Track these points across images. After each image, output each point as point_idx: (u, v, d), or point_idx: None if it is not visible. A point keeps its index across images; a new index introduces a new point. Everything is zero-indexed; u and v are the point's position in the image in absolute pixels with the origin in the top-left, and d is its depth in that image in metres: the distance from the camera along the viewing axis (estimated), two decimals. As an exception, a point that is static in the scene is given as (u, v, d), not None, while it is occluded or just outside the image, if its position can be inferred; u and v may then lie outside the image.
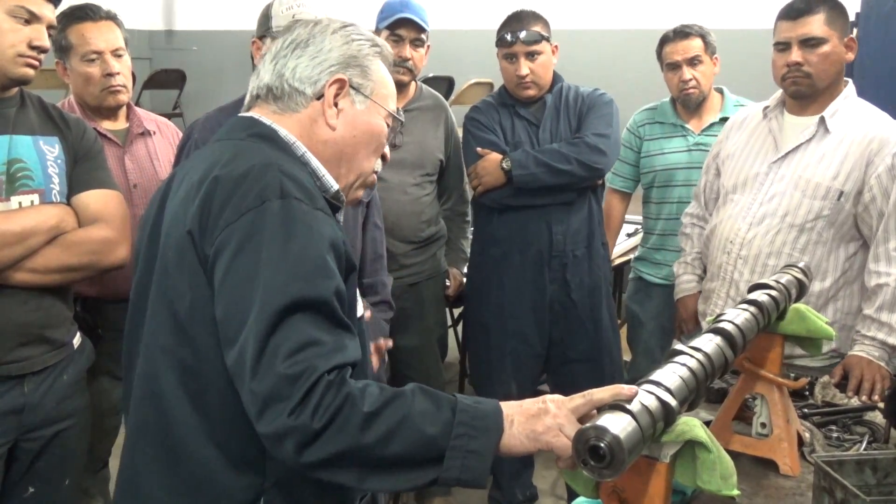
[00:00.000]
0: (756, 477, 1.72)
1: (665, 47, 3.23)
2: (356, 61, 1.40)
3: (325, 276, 1.19)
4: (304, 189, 1.25)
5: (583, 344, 2.97)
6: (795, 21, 2.33)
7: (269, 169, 1.24)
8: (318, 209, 1.24)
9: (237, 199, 1.21)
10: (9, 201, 1.91)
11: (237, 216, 1.20)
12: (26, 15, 1.88)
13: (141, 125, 2.61)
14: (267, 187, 1.22)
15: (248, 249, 1.18)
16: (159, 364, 1.28)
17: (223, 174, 1.25)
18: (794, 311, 1.79)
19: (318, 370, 1.11)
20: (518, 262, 2.92)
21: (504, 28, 2.87)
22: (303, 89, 1.38)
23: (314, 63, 1.38)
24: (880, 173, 2.26)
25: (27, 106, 2.01)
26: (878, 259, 2.27)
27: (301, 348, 1.12)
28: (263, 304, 1.14)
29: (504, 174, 2.83)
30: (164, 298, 1.28)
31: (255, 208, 1.20)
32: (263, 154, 1.29)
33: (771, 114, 2.49)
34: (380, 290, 2.53)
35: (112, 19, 2.52)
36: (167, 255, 1.29)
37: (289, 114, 1.39)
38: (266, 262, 1.17)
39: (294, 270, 1.16)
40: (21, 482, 2.01)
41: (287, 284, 1.15)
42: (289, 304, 1.14)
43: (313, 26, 1.42)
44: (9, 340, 1.91)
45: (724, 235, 2.48)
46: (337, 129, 1.38)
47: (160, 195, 1.41)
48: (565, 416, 1.19)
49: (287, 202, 1.21)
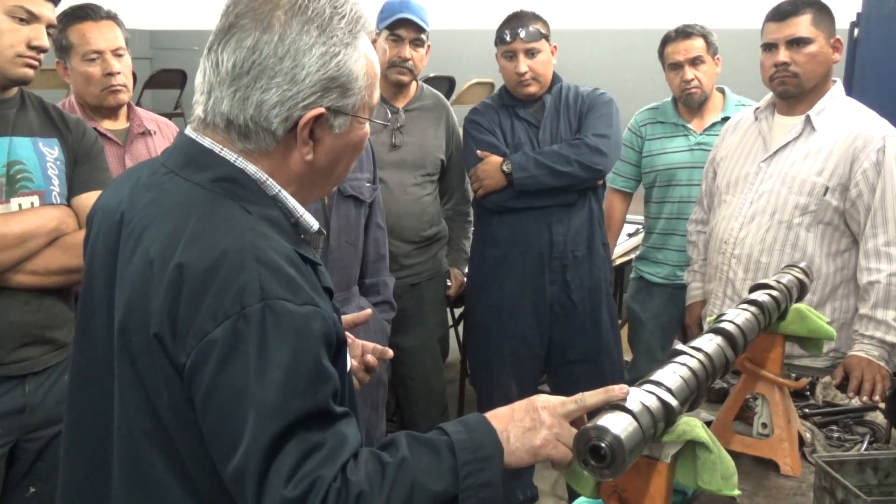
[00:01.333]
0: (757, 477, 1.72)
1: (667, 47, 3.23)
2: (336, 82, 1.16)
3: (322, 382, 1.07)
4: (284, 279, 1.08)
5: (583, 345, 2.97)
6: (782, 22, 2.36)
7: (245, 259, 1.06)
8: (304, 304, 1.08)
9: (210, 300, 1.05)
10: (8, 203, 1.90)
11: (213, 325, 1.04)
12: (25, 15, 1.87)
13: (141, 125, 2.61)
14: (245, 288, 1.05)
15: (232, 364, 1.04)
16: (144, 447, 1.16)
17: (188, 262, 1.07)
18: (795, 311, 1.78)
19: (325, 481, 1.02)
20: (518, 264, 2.91)
21: (503, 27, 2.87)
22: (273, 129, 1.15)
23: (286, 96, 1.13)
24: (866, 169, 2.27)
25: (27, 107, 2.01)
26: (867, 256, 2.29)
27: (302, 461, 1.03)
28: (260, 429, 1.02)
29: (505, 177, 2.83)
30: (136, 383, 1.14)
31: (234, 316, 1.04)
32: (234, 226, 1.10)
33: (761, 115, 2.53)
34: (381, 290, 2.53)
35: (113, 19, 2.52)
36: (135, 343, 1.13)
37: (258, 153, 1.17)
38: (255, 379, 1.03)
39: (288, 386, 1.04)
40: (22, 482, 2.01)
41: (284, 404, 1.03)
42: (288, 425, 1.03)
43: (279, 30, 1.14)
44: (9, 341, 1.91)
45: (719, 236, 2.51)
46: (314, 160, 1.19)
47: (112, 234, 1.22)
48: (560, 424, 1.19)
49: (270, 305, 1.05)
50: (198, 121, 1.21)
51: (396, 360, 2.98)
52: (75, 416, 1.31)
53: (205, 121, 1.19)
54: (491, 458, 1.14)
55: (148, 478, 1.16)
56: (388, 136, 2.94)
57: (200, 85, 1.19)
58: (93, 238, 1.30)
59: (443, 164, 3.13)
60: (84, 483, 1.29)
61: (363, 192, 2.42)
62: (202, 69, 1.19)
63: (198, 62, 1.20)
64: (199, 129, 1.21)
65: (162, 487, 1.15)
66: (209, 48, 1.18)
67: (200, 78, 1.19)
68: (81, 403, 1.30)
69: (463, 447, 1.13)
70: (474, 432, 1.16)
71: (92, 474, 1.26)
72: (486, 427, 1.17)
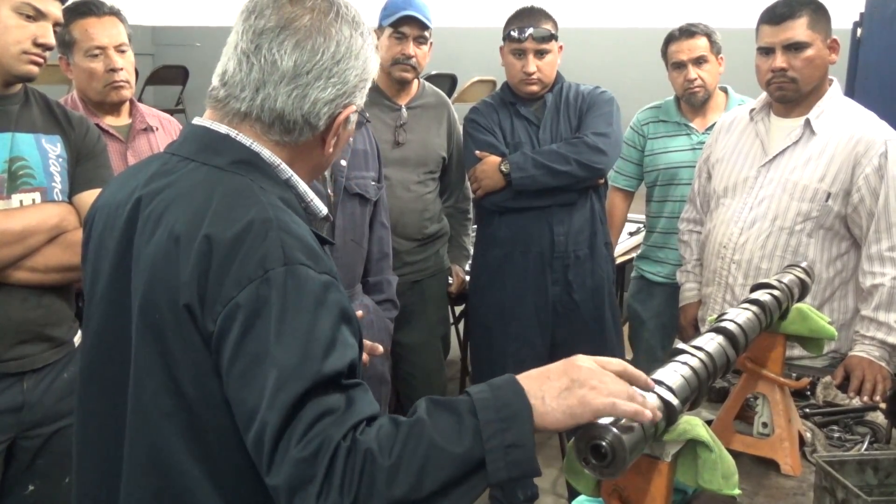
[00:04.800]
0: (757, 476, 1.72)
1: (670, 46, 3.22)
2: (365, 82, 1.27)
3: (339, 350, 1.09)
4: (306, 248, 1.14)
5: (586, 345, 2.91)
6: (778, 26, 2.31)
7: (269, 228, 1.12)
8: (323, 273, 1.13)
9: (237, 267, 1.10)
10: (9, 199, 1.90)
11: (238, 289, 1.09)
12: (32, 12, 1.87)
13: (144, 121, 2.61)
14: (268, 254, 1.10)
15: (256, 328, 1.08)
16: (164, 431, 1.17)
17: (216, 234, 1.12)
18: (797, 310, 1.78)
19: (334, 440, 1.03)
20: (520, 264, 2.89)
21: (513, 23, 2.83)
22: (318, 124, 1.24)
23: (338, 94, 1.23)
24: (868, 174, 2.26)
25: (31, 103, 2.00)
26: (871, 260, 2.28)
27: (313, 423, 1.04)
28: (277, 391, 1.05)
29: (503, 177, 2.81)
30: (159, 361, 1.17)
31: (258, 280, 1.09)
32: (257, 202, 1.16)
33: (757, 116, 2.49)
34: (385, 288, 2.53)
35: (115, 15, 2.52)
36: (160, 320, 1.16)
37: (283, 144, 1.25)
38: (276, 342, 1.07)
39: (306, 350, 1.07)
40: (21, 480, 2.01)
41: (301, 367, 1.06)
42: (305, 390, 1.05)
43: (336, 35, 1.23)
44: (8, 338, 1.90)
45: (717, 240, 2.49)
46: (332, 153, 1.30)
47: (123, 221, 1.26)
48: (600, 376, 1.14)
49: (292, 270, 1.10)
50: (216, 110, 1.27)
51: (398, 356, 2.98)
52: (85, 412, 1.33)
53: (245, 113, 1.24)
54: (517, 417, 1.07)
55: (166, 463, 1.18)
56: (391, 133, 2.94)
57: (241, 81, 1.23)
58: (96, 236, 1.32)
59: (444, 161, 3.13)
60: (97, 475, 1.31)
61: (368, 190, 2.42)
62: (245, 64, 1.23)
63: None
64: (214, 118, 1.26)
65: (179, 471, 1.17)
66: (257, 46, 1.22)
67: (241, 74, 1.23)
68: (91, 397, 1.31)
69: (485, 406, 1.08)
70: (499, 390, 1.10)
71: (106, 467, 1.27)
72: (512, 386, 1.11)
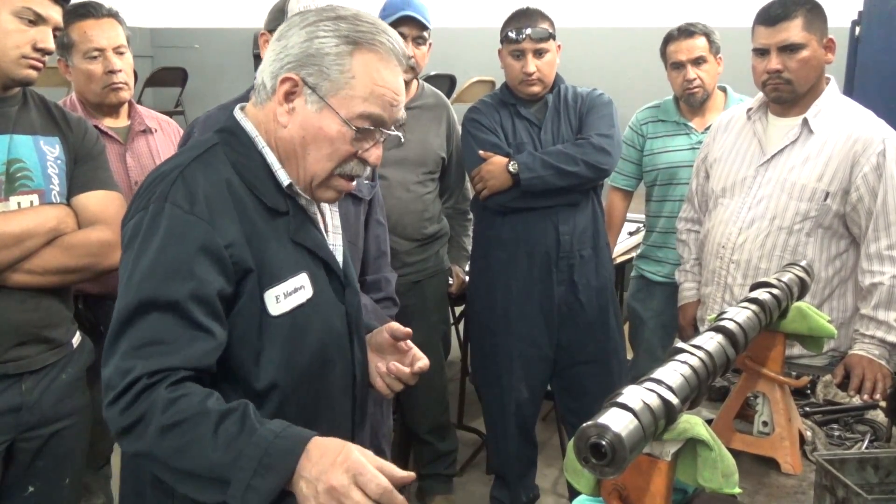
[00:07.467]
0: (757, 475, 1.72)
1: (669, 46, 3.23)
2: (313, 60, 1.36)
3: (182, 279, 1.25)
4: (190, 193, 1.31)
5: (591, 346, 2.93)
6: (773, 27, 2.30)
7: (175, 172, 1.33)
8: (191, 214, 1.29)
9: (138, 199, 1.35)
10: (8, 201, 1.89)
11: (131, 217, 1.34)
12: (32, 16, 1.87)
13: (142, 122, 2.61)
14: (157, 191, 1.31)
15: (130, 248, 1.30)
16: None
17: (153, 172, 1.38)
18: (796, 309, 1.78)
19: (137, 371, 1.20)
20: (525, 265, 2.88)
21: (510, 24, 2.82)
22: (265, 83, 1.41)
23: (277, 58, 1.39)
24: (866, 173, 2.26)
25: (29, 105, 2.00)
26: (870, 259, 2.28)
27: (138, 347, 1.22)
28: (120, 301, 1.26)
29: (511, 177, 2.79)
30: None
31: (142, 210, 1.31)
32: (194, 156, 1.37)
33: (754, 115, 2.49)
34: (384, 286, 2.53)
35: (114, 16, 2.52)
36: None
37: (259, 107, 1.43)
38: (135, 262, 1.28)
39: (149, 271, 1.26)
40: (20, 481, 2.01)
41: (140, 284, 1.25)
42: (138, 303, 1.24)
43: (296, 19, 1.41)
44: (6, 340, 1.90)
45: (716, 240, 2.48)
46: (287, 128, 1.39)
47: None
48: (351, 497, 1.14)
49: (160, 206, 1.29)
50: None
51: (398, 357, 2.98)
52: None
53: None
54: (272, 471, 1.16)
55: None
56: (390, 133, 2.94)
57: None
58: None
59: (443, 161, 3.12)
60: None
61: (361, 189, 2.41)
62: None
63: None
64: None
65: None
66: None
67: None
68: None
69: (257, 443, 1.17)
70: (284, 440, 1.18)
71: None
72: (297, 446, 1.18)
